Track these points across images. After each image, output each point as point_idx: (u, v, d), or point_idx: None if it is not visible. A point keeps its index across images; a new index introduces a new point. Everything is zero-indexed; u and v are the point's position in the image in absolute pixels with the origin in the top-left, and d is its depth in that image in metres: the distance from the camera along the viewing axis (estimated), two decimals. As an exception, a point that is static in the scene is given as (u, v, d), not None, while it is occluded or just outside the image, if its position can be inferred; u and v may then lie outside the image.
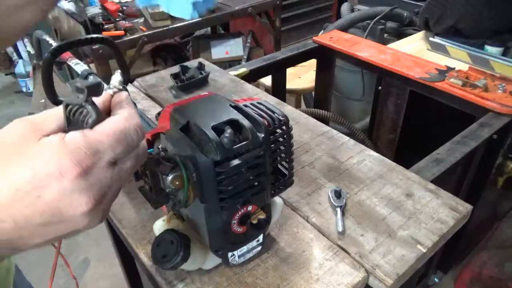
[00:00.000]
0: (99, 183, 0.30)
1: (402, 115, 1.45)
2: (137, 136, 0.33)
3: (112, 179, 0.31)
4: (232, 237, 0.48)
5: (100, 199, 0.30)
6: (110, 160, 0.31)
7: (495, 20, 1.32)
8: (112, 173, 0.31)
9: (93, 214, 0.31)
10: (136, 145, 0.33)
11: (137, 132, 0.33)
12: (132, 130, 0.32)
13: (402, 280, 0.55)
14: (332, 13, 3.66)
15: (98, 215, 0.32)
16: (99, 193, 0.30)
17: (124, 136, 0.32)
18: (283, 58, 1.34)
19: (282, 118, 0.47)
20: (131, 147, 0.32)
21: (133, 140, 0.32)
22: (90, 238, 1.89)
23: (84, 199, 0.29)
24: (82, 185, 0.29)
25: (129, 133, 0.32)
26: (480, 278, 1.51)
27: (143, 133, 0.34)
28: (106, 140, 0.31)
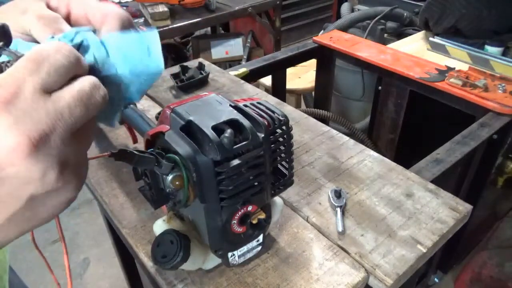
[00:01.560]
0: (29, 116, 0.25)
1: (402, 115, 1.45)
2: (62, 56, 0.28)
3: (48, 111, 0.26)
4: (232, 237, 0.48)
5: (39, 136, 0.25)
6: (36, 86, 0.26)
7: (495, 20, 1.32)
8: (46, 104, 0.26)
9: (40, 160, 0.26)
10: (66, 68, 0.28)
11: (60, 52, 0.28)
12: (52, 50, 0.27)
13: (402, 280, 0.55)
14: (332, 13, 3.66)
15: (51, 163, 0.26)
16: (34, 128, 0.25)
17: (44, 56, 0.27)
18: (283, 58, 1.34)
19: (282, 118, 0.47)
20: (58, 69, 0.27)
21: (58, 61, 0.27)
22: (90, 238, 1.89)
23: (15, 137, 0.24)
24: (9, 120, 0.25)
25: (49, 54, 0.27)
26: (480, 278, 1.51)
27: (74, 55, 0.29)
28: (22, 65, 0.26)
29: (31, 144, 0.25)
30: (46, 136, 0.26)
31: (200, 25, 2.09)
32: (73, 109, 0.27)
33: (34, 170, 0.26)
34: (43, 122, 0.26)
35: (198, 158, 0.41)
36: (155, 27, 1.08)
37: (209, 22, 2.15)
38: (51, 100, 0.27)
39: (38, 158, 0.25)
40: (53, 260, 0.53)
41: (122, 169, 0.73)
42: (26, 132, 0.25)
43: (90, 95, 0.29)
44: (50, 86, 0.27)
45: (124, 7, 2.06)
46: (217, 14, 2.08)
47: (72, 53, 0.29)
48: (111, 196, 0.68)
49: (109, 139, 0.81)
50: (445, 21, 1.41)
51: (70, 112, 0.27)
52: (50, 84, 0.27)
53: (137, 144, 0.76)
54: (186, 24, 1.98)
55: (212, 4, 2.07)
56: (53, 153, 0.26)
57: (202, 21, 2.04)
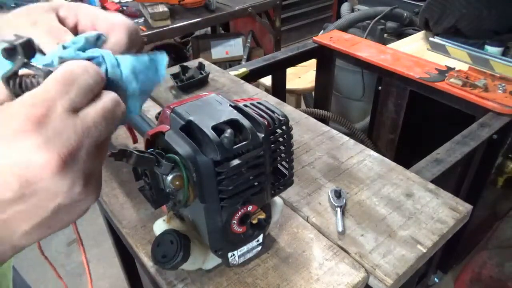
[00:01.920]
0: (59, 135, 0.27)
1: (402, 115, 1.45)
2: (89, 76, 0.29)
3: (76, 129, 0.27)
4: (232, 237, 0.48)
5: (68, 154, 0.27)
6: (65, 106, 0.27)
7: (495, 20, 1.32)
8: (74, 122, 0.27)
9: (68, 175, 0.27)
10: (92, 88, 0.29)
11: (88, 72, 0.29)
12: (80, 71, 0.29)
13: (402, 280, 0.55)
14: (332, 13, 3.66)
15: (77, 177, 0.28)
16: (63, 146, 0.27)
17: (73, 77, 0.28)
18: (283, 58, 1.34)
19: (282, 118, 0.47)
20: (86, 90, 0.29)
21: (86, 81, 0.29)
22: (90, 238, 1.89)
23: (46, 155, 0.26)
24: (39, 139, 0.26)
25: (78, 74, 0.29)
26: (480, 278, 1.51)
27: (100, 76, 0.30)
28: (52, 86, 0.27)
29: (60, 161, 0.26)
30: (74, 152, 0.27)
31: (200, 25, 2.09)
32: (98, 126, 0.29)
33: (62, 184, 0.27)
34: (71, 140, 0.27)
35: (198, 158, 0.41)
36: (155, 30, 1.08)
37: (209, 22, 2.15)
38: (79, 118, 0.28)
39: (66, 173, 0.27)
40: (53, 260, 0.53)
41: (122, 169, 0.73)
42: (56, 150, 0.26)
43: (113, 111, 0.31)
44: (78, 106, 0.28)
45: (124, 7, 2.06)
46: (217, 14, 2.08)
47: (98, 73, 0.30)
48: (111, 196, 0.68)
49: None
50: (445, 21, 1.41)
51: (96, 129, 0.29)
52: (78, 104, 0.28)
53: (137, 144, 0.76)
54: (186, 24, 1.98)
55: (212, 4, 2.06)
56: (80, 168, 0.28)
57: (202, 21, 2.04)
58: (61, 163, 0.26)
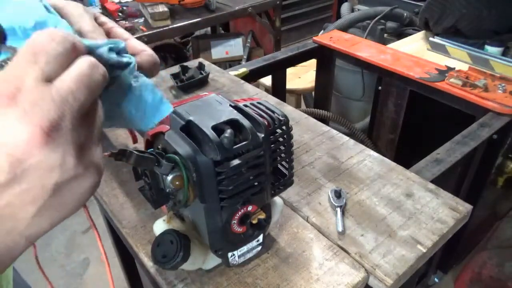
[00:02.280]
0: (36, 106, 0.26)
1: (402, 115, 1.45)
2: (57, 43, 0.28)
3: (53, 98, 0.26)
4: (232, 237, 0.48)
5: (50, 124, 0.26)
6: (36, 76, 0.26)
7: (495, 20, 1.32)
8: (50, 91, 0.26)
9: (56, 147, 0.26)
10: (62, 54, 0.28)
11: (54, 40, 0.28)
12: (46, 39, 0.28)
13: (402, 280, 0.55)
14: (332, 13, 3.66)
15: (67, 148, 0.27)
16: (43, 116, 0.26)
17: (40, 47, 0.27)
18: (283, 58, 1.34)
19: (282, 118, 0.47)
20: (55, 57, 0.28)
21: (54, 49, 0.28)
22: (90, 238, 1.89)
23: (27, 127, 0.25)
24: (17, 113, 0.25)
25: (44, 43, 0.27)
26: (480, 278, 1.51)
27: (70, 41, 0.29)
28: (20, 59, 0.27)
29: (44, 133, 0.26)
30: (56, 123, 0.26)
31: (200, 25, 2.09)
32: (76, 92, 0.28)
33: (53, 157, 0.26)
34: (50, 110, 0.26)
35: (198, 158, 0.41)
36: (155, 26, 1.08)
37: (209, 22, 2.15)
38: (54, 87, 0.27)
39: (54, 145, 0.26)
40: (53, 260, 0.52)
41: (122, 169, 0.73)
42: (37, 122, 0.25)
43: (90, 75, 0.29)
44: (51, 75, 0.27)
45: (124, 7, 2.06)
46: (217, 14, 2.08)
47: (67, 39, 0.29)
48: (111, 196, 0.68)
49: (109, 139, 0.81)
50: (445, 21, 1.41)
51: (74, 96, 0.28)
52: (50, 72, 0.27)
53: (137, 144, 0.76)
54: (186, 24, 1.98)
55: (212, 4, 2.06)
56: (67, 138, 0.27)
57: (202, 21, 2.04)
58: (44, 134, 0.26)
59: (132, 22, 1.95)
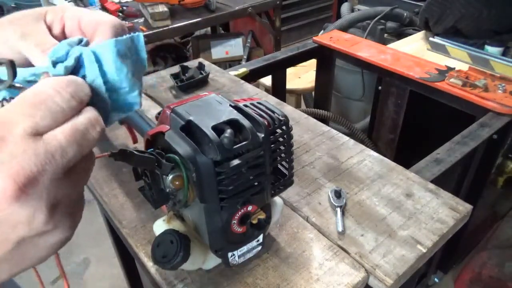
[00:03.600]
0: (16, 160, 0.24)
1: (402, 115, 1.45)
2: (62, 100, 0.27)
3: (37, 152, 0.25)
4: (232, 237, 0.48)
5: (26, 180, 0.24)
6: (26, 129, 0.25)
7: (495, 20, 1.32)
8: (36, 146, 0.25)
9: (27, 204, 0.25)
10: (63, 111, 0.27)
11: (61, 95, 0.27)
12: (53, 92, 0.26)
13: (402, 280, 0.55)
14: (332, 13, 3.66)
15: (39, 206, 0.25)
16: (20, 171, 0.24)
17: (42, 99, 0.26)
18: (283, 58, 1.34)
19: (282, 118, 0.47)
20: (55, 113, 0.26)
21: (57, 105, 0.26)
22: (90, 238, 1.89)
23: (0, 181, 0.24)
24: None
25: (50, 96, 0.26)
26: (480, 278, 1.51)
27: (76, 98, 0.27)
28: (17, 107, 0.25)
29: (17, 188, 0.24)
30: (34, 178, 0.25)
31: (200, 25, 2.09)
32: (65, 149, 0.26)
33: (22, 214, 0.25)
34: (31, 164, 0.24)
35: (198, 158, 0.41)
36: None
37: (209, 22, 2.15)
38: (42, 141, 0.25)
39: (25, 201, 0.25)
40: (53, 259, 0.52)
41: (122, 169, 0.73)
42: (12, 176, 0.24)
43: (85, 133, 0.27)
44: (44, 130, 0.26)
45: (124, 7, 2.06)
46: (217, 14, 2.08)
47: (75, 96, 0.27)
48: (111, 196, 0.68)
49: (109, 139, 0.81)
50: (445, 21, 1.41)
51: (62, 153, 0.26)
52: (43, 127, 0.26)
53: (137, 144, 0.76)
54: (186, 24, 1.98)
55: (212, 4, 2.06)
56: (42, 195, 0.25)
57: (202, 21, 2.04)
58: (17, 190, 0.24)
59: (132, 22, 1.96)
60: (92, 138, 0.28)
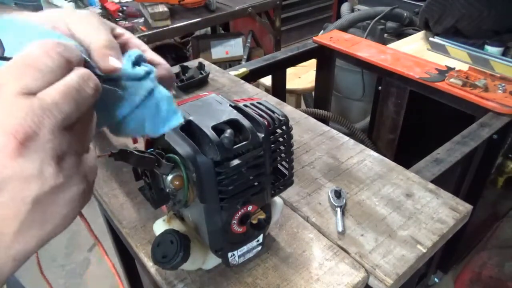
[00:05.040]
0: (11, 116, 0.25)
1: (402, 115, 1.45)
2: (52, 60, 0.27)
3: (33, 109, 0.25)
4: (232, 237, 0.48)
5: (24, 134, 0.25)
6: (17, 89, 0.26)
7: (495, 20, 1.32)
8: (30, 102, 0.25)
9: (32, 157, 0.25)
10: (53, 70, 0.27)
11: (50, 56, 0.27)
12: (42, 53, 0.27)
13: (402, 280, 0.55)
14: (332, 13, 3.66)
15: (45, 158, 0.26)
16: (17, 126, 0.25)
17: (31, 61, 0.27)
18: (283, 58, 1.34)
19: (282, 118, 0.47)
20: (44, 73, 0.27)
21: (46, 65, 0.27)
22: (90, 238, 1.89)
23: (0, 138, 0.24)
24: None
25: (38, 57, 0.27)
26: (480, 278, 1.51)
27: (65, 57, 0.28)
28: (8, 68, 0.26)
29: (17, 143, 0.25)
30: (33, 133, 0.25)
31: (200, 25, 2.09)
32: (61, 104, 0.27)
33: (29, 168, 0.25)
34: (28, 120, 0.25)
35: (198, 158, 0.41)
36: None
37: (209, 22, 2.15)
38: (37, 98, 0.26)
39: (29, 155, 0.25)
40: (53, 260, 0.52)
41: (122, 169, 0.73)
42: (11, 132, 0.25)
43: (79, 89, 0.28)
44: (36, 89, 0.26)
45: (124, 7, 2.06)
46: (217, 14, 2.08)
47: (62, 54, 0.28)
48: (111, 196, 0.68)
49: (109, 139, 0.81)
50: (445, 21, 1.41)
51: (58, 108, 0.27)
52: (36, 87, 0.26)
53: (137, 144, 0.76)
54: (186, 24, 1.98)
55: (212, 4, 2.06)
56: (45, 148, 0.26)
57: (202, 21, 2.04)
58: (18, 145, 0.25)
59: (132, 22, 1.95)
60: (87, 94, 0.29)
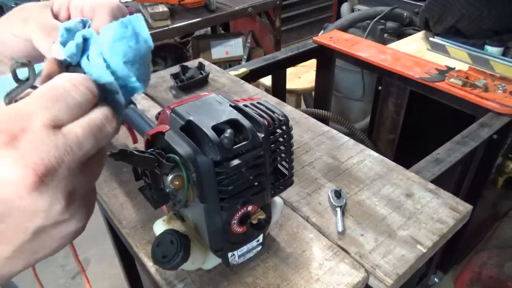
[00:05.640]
0: (36, 150, 0.25)
1: (402, 115, 1.45)
2: (79, 94, 0.28)
3: (56, 144, 0.26)
4: (232, 237, 0.48)
5: (45, 170, 0.25)
6: (45, 122, 0.26)
7: (495, 20, 1.32)
8: (55, 138, 0.26)
9: (46, 193, 0.26)
10: (80, 105, 0.28)
11: (77, 89, 0.28)
12: (71, 87, 0.27)
13: (402, 280, 0.55)
14: (332, 13, 3.67)
15: (57, 195, 0.26)
16: (40, 162, 0.25)
17: (60, 93, 0.27)
18: (283, 58, 1.34)
19: (282, 118, 0.47)
20: (72, 106, 0.27)
21: (74, 99, 0.27)
22: (90, 238, 1.89)
23: (21, 171, 0.24)
24: (14, 155, 0.24)
25: (67, 90, 0.27)
26: (480, 278, 1.51)
27: (91, 93, 0.28)
28: (35, 100, 0.26)
29: (37, 178, 0.25)
30: (53, 169, 0.25)
31: (200, 25, 2.09)
32: (83, 142, 0.27)
33: (40, 203, 0.26)
34: (50, 156, 0.25)
35: (198, 158, 0.41)
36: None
37: (209, 22, 2.15)
38: (61, 133, 0.26)
39: (44, 191, 0.25)
40: (53, 260, 0.52)
41: (122, 169, 0.73)
42: (32, 166, 0.25)
43: (101, 127, 0.29)
44: (62, 122, 0.27)
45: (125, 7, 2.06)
46: (217, 14, 2.08)
47: (91, 90, 0.28)
48: (111, 196, 0.68)
49: (109, 139, 0.81)
50: (445, 21, 1.41)
51: (79, 145, 0.27)
52: (62, 121, 0.27)
53: (137, 144, 0.76)
54: (186, 24, 1.98)
55: (212, 4, 2.07)
56: (60, 185, 0.26)
57: (202, 21, 2.04)
58: (37, 179, 0.25)
59: (132, 22, 1.95)
60: (108, 133, 0.29)
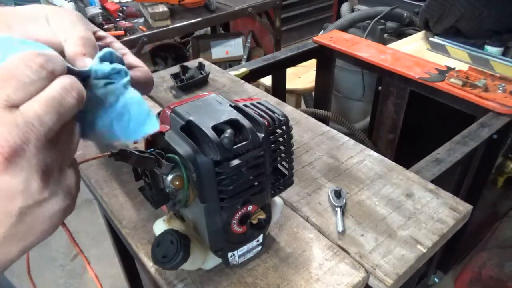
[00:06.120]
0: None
1: (402, 115, 1.45)
2: (31, 71, 0.27)
3: (17, 123, 0.25)
4: (232, 237, 0.48)
5: (10, 150, 0.25)
6: (1, 103, 0.26)
7: (495, 20, 1.32)
8: (14, 118, 0.26)
9: (18, 172, 0.26)
10: (34, 82, 0.27)
11: (29, 66, 0.27)
12: (22, 64, 0.27)
13: (402, 280, 0.55)
14: (332, 13, 3.67)
15: (30, 173, 0.26)
16: (6, 144, 0.25)
17: (11, 73, 0.26)
18: (283, 58, 1.34)
19: (282, 118, 0.47)
20: (27, 84, 0.27)
21: (26, 75, 0.27)
22: (90, 238, 1.89)
23: None
24: None
25: (19, 69, 0.27)
26: (480, 278, 1.51)
27: (45, 68, 0.28)
28: None
29: (3, 159, 0.25)
30: (19, 148, 0.25)
31: (200, 25, 2.09)
32: (43, 117, 0.27)
33: (15, 183, 0.26)
34: (13, 135, 0.25)
35: (198, 158, 0.41)
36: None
37: (209, 22, 2.15)
38: (19, 112, 0.26)
39: (15, 171, 0.26)
40: (53, 260, 0.52)
41: (122, 169, 0.73)
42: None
43: (60, 100, 0.28)
44: (18, 102, 0.26)
45: (124, 7, 2.06)
46: (217, 14, 2.08)
47: (44, 65, 0.28)
48: (111, 196, 0.68)
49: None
50: (445, 21, 1.41)
51: (40, 121, 0.26)
52: (18, 100, 0.26)
53: (137, 144, 0.76)
54: (186, 24, 1.98)
55: (212, 4, 2.07)
56: (30, 163, 0.26)
57: (202, 21, 2.04)
58: (3, 160, 0.25)
59: (132, 22, 1.96)
60: (70, 104, 0.28)
